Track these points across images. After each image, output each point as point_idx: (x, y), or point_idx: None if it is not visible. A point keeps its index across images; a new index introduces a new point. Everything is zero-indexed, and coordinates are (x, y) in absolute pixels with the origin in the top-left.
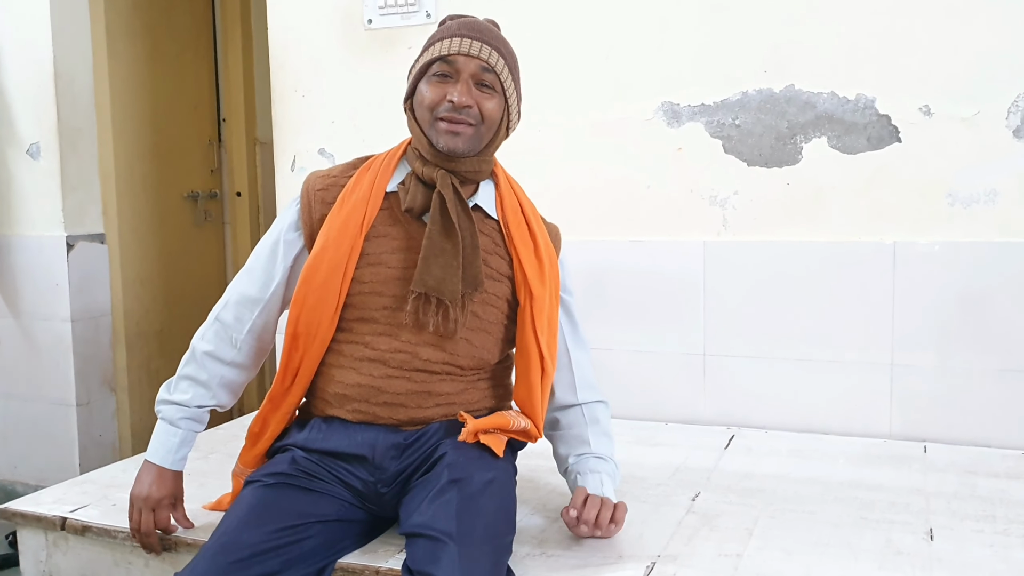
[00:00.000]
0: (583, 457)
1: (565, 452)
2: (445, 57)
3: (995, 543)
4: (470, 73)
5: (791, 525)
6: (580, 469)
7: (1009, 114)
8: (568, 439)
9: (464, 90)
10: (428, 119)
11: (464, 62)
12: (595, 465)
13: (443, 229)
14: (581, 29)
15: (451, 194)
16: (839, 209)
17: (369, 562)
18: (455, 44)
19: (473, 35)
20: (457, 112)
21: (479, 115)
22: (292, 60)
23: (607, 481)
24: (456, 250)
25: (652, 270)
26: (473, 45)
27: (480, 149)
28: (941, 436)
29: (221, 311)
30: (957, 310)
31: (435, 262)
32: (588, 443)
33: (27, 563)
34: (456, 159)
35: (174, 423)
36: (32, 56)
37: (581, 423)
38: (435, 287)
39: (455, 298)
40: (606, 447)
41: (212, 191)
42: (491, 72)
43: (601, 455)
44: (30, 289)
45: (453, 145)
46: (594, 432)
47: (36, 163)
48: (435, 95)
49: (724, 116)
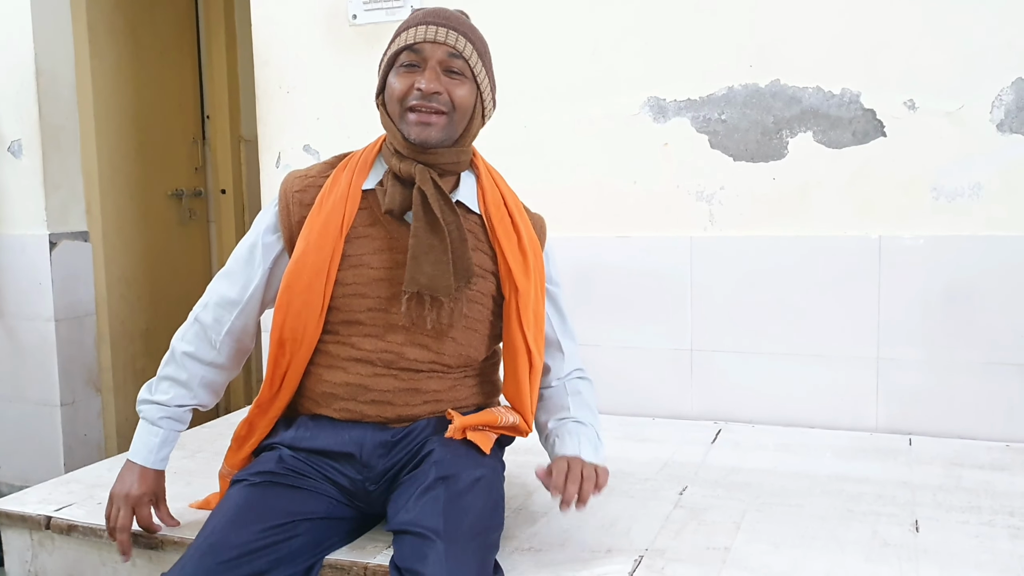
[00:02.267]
0: (563, 422)
1: (545, 419)
2: (412, 46)
3: (980, 534)
4: (437, 60)
5: (778, 518)
6: (559, 433)
7: (993, 108)
8: (548, 407)
9: (432, 76)
10: (398, 111)
11: (431, 49)
12: (574, 428)
13: (428, 225)
14: (567, 24)
15: (431, 188)
16: (825, 203)
17: (357, 558)
18: (420, 32)
19: (439, 22)
20: (427, 100)
21: (450, 102)
22: (276, 56)
23: (585, 444)
24: (444, 245)
25: (639, 266)
26: (439, 32)
27: (456, 139)
28: (926, 429)
29: (200, 312)
30: (942, 304)
31: (425, 260)
32: (567, 408)
33: (12, 563)
34: (431, 151)
35: (155, 423)
36: (13, 53)
37: (562, 393)
38: (428, 285)
39: (449, 293)
40: (586, 415)
41: (196, 189)
42: (459, 58)
43: (580, 420)
44: (13, 288)
45: (425, 136)
46: (575, 402)
47: (18, 161)
48: (403, 85)
49: (710, 111)
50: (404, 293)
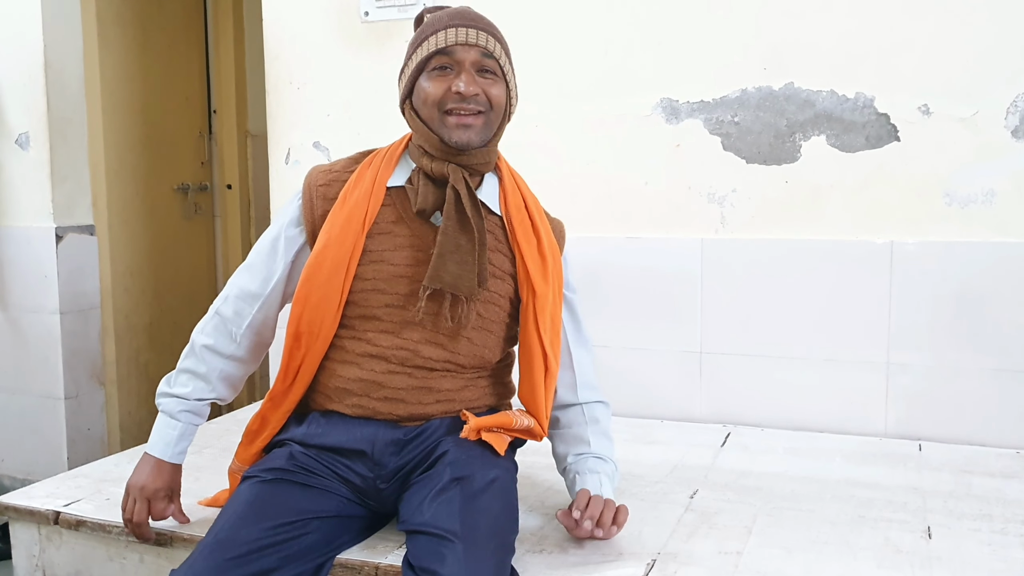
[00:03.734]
0: (582, 457)
1: (564, 451)
2: (444, 49)
3: (993, 542)
4: (471, 62)
5: (789, 523)
6: (579, 469)
7: (1008, 114)
8: (567, 438)
9: (469, 80)
10: (435, 116)
11: (464, 51)
12: (594, 465)
13: (459, 225)
14: (579, 24)
15: (464, 189)
16: (837, 207)
17: (368, 558)
18: (451, 35)
19: (468, 23)
20: (466, 102)
21: (487, 102)
22: (287, 52)
23: (606, 482)
24: (472, 246)
25: (649, 267)
26: (470, 33)
27: (490, 139)
28: (936, 435)
29: (221, 305)
30: (953, 309)
31: (451, 258)
32: (588, 443)
33: (20, 557)
34: (467, 152)
35: (174, 416)
36: (22, 46)
37: (581, 422)
38: (451, 283)
39: (472, 293)
40: (606, 448)
41: (202, 183)
42: (491, 58)
43: (601, 455)
44: (18, 281)
45: (467, 138)
46: (594, 432)
47: (25, 153)
48: (439, 89)
49: (723, 113)
50: (424, 288)
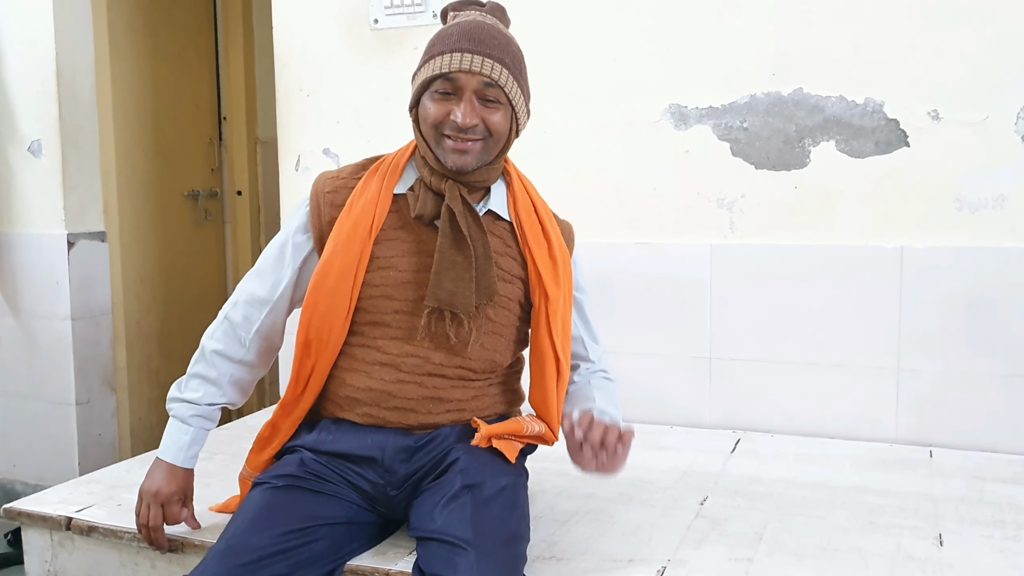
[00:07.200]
0: (587, 410)
1: (568, 409)
2: (446, 75)
3: (1005, 548)
4: (472, 89)
5: (800, 530)
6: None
7: (1018, 119)
8: (573, 399)
9: (468, 110)
10: (433, 136)
11: (466, 79)
12: (598, 415)
13: (454, 242)
14: (588, 30)
15: (460, 206)
16: (847, 213)
17: (379, 564)
18: (455, 60)
19: (473, 48)
20: (463, 132)
21: (486, 130)
22: (296, 59)
23: (614, 412)
24: (468, 263)
25: (658, 273)
26: (475, 60)
27: (490, 161)
28: (947, 441)
29: (230, 310)
30: (964, 315)
31: (447, 276)
32: (593, 400)
33: (32, 563)
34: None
35: (185, 420)
36: (34, 53)
37: (587, 387)
38: (448, 300)
39: (469, 311)
40: (612, 408)
41: (212, 190)
42: (494, 86)
43: (605, 411)
44: (30, 287)
45: (462, 163)
46: (601, 396)
47: (37, 161)
48: (438, 113)
49: (732, 119)
50: (425, 307)
